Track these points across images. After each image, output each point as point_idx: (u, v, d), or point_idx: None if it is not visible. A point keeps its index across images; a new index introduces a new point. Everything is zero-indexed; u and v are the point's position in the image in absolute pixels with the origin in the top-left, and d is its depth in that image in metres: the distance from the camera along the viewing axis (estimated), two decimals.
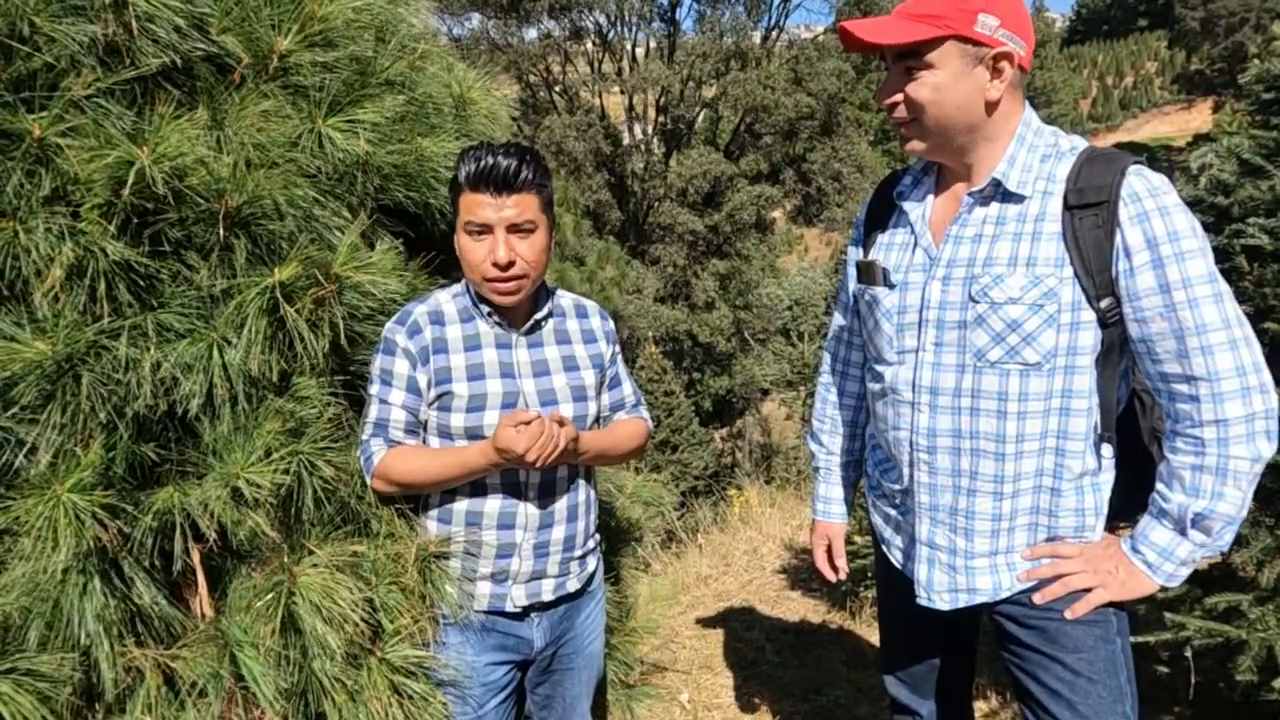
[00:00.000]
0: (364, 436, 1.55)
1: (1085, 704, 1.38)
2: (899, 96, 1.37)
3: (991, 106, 1.34)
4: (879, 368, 1.52)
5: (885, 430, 1.52)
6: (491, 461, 1.44)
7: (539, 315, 1.59)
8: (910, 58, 1.33)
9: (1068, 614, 1.38)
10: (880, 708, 2.88)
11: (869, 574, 3.46)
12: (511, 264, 1.46)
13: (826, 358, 1.81)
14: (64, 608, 1.30)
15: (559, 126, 18.58)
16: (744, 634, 3.57)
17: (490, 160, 1.43)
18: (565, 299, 1.68)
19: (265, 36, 1.61)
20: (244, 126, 1.57)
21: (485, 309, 1.54)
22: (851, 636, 3.47)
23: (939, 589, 1.48)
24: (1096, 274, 1.28)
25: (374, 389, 1.54)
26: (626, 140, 21.03)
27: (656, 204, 19.88)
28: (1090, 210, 1.28)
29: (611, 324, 1.72)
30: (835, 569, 1.83)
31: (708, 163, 18.85)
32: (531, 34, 20.85)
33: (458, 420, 1.50)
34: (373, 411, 1.53)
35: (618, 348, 1.73)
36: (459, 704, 1.56)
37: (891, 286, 1.47)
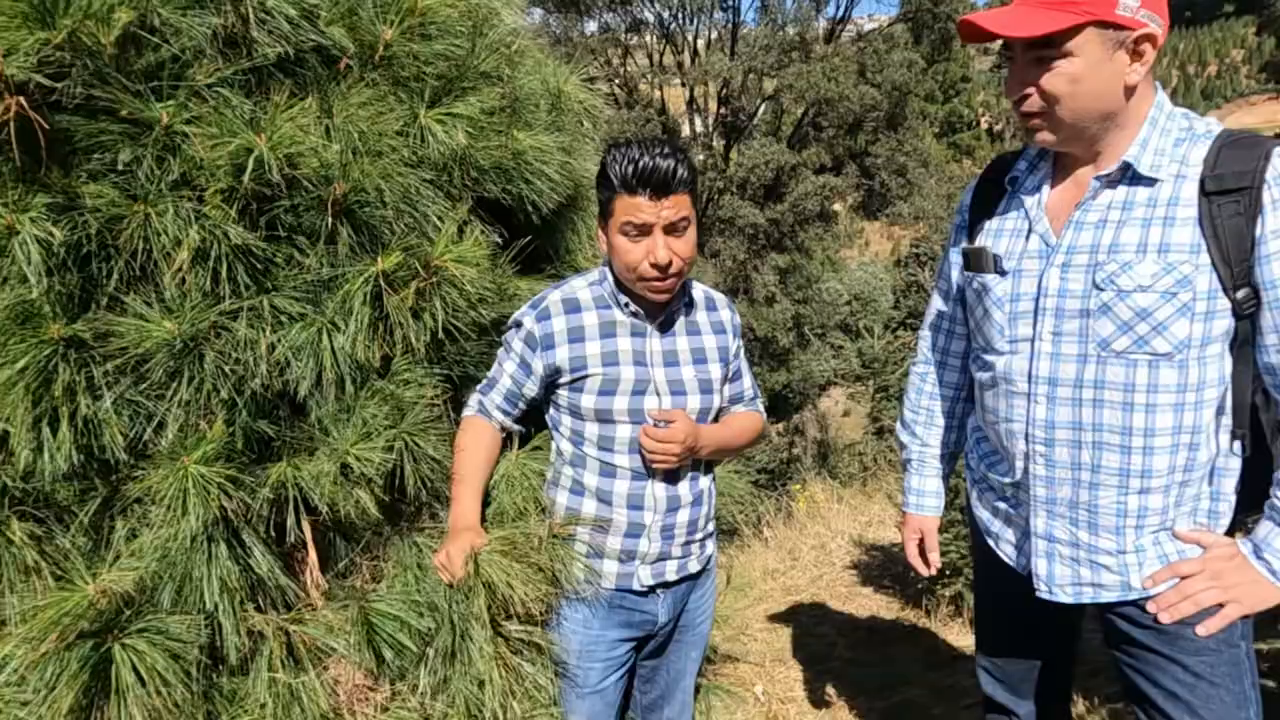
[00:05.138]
0: (479, 385, 1.68)
1: (1206, 709, 1.33)
2: (1031, 89, 1.30)
3: (1130, 91, 1.28)
4: (988, 357, 1.48)
5: (995, 422, 1.48)
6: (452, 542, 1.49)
7: (674, 307, 1.61)
8: (1045, 47, 1.26)
9: (1200, 631, 1.33)
10: (957, 708, 2.83)
11: (946, 572, 3.40)
12: (670, 264, 1.48)
13: (924, 346, 1.76)
14: (191, 574, 1.36)
15: (618, 121, 18.61)
16: (814, 629, 3.55)
17: (648, 162, 1.42)
18: (697, 290, 1.68)
19: (371, 28, 1.65)
20: (350, 116, 1.61)
21: (623, 299, 1.56)
22: (927, 635, 3.42)
23: (1060, 582, 1.44)
24: (1235, 263, 1.23)
25: (500, 352, 1.65)
26: (685, 133, 20.95)
27: (717, 196, 19.77)
28: (1230, 197, 1.22)
29: (738, 317, 1.73)
30: (928, 563, 1.80)
31: (770, 153, 18.64)
32: (591, 27, 20.94)
33: (588, 401, 1.54)
34: (491, 370, 1.67)
35: (741, 341, 1.74)
36: (581, 676, 1.60)
37: (1003, 274, 1.43)
